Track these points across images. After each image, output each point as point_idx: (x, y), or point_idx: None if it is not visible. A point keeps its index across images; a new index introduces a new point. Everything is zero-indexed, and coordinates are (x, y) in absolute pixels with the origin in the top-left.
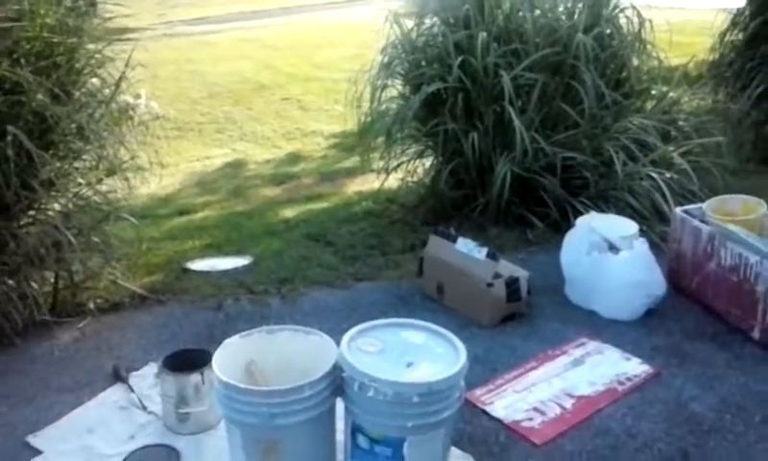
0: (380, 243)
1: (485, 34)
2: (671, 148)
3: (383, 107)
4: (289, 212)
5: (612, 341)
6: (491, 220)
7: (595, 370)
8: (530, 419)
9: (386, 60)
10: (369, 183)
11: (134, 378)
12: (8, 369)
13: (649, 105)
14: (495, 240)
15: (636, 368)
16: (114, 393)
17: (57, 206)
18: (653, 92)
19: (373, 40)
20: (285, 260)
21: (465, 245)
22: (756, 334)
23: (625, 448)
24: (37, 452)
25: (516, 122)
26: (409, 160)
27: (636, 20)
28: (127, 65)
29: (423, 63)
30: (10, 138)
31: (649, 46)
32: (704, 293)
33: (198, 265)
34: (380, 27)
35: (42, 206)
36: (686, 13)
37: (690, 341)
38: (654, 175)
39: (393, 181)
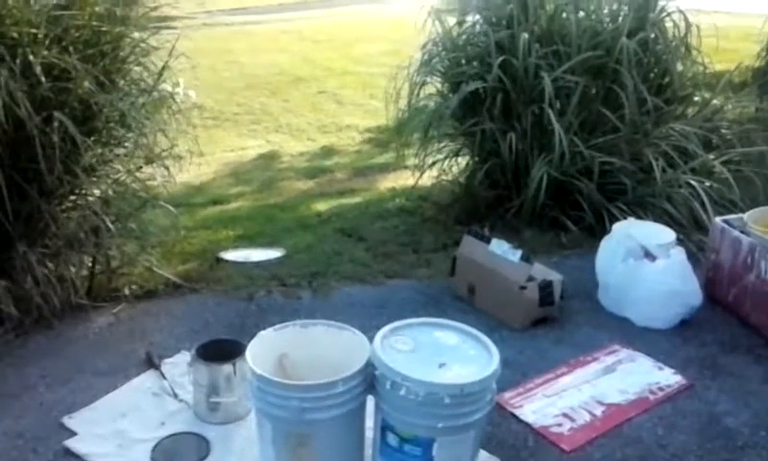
0: (412, 241)
1: (527, 34)
2: (712, 156)
3: (421, 103)
4: (322, 206)
5: (644, 349)
6: (524, 222)
7: (627, 378)
8: (559, 425)
9: (426, 56)
10: (402, 180)
11: (167, 366)
12: (45, 350)
13: (691, 111)
14: (529, 242)
15: (668, 378)
16: (147, 379)
17: (97, 192)
18: (696, 99)
19: (412, 36)
20: (317, 254)
21: (499, 246)
22: None
23: (655, 459)
24: (72, 434)
25: (555, 124)
26: (444, 159)
27: (682, 25)
28: (170, 55)
29: (464, 62)
30: (56, 124)
31: (694, 52)
32: (741, 305)
33: (231, 255)
34: (421, 23)
35: (83, 192)
36: (732, 19)
37: (725, 354)
38: (693, 183)
39: (427, 179)
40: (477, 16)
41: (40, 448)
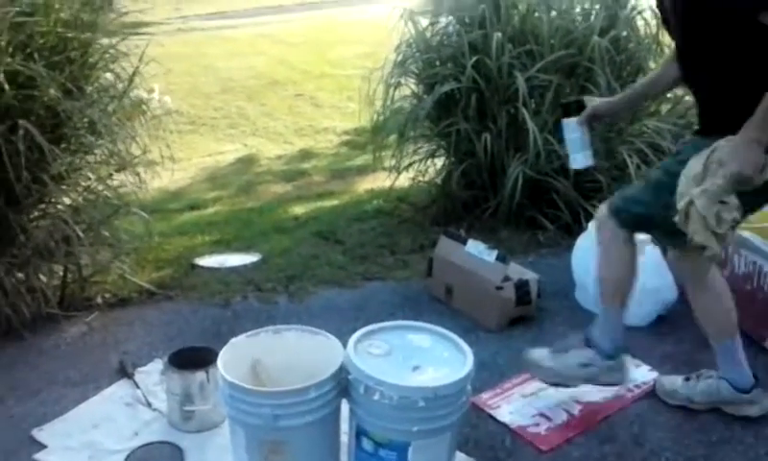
0: (390, 242)
1: (500, 34)
2: None
3: (396, 105)
4: (299, 209)
5: None
6: (501, 222)
7: None
8: (536, 424)
9: (400, 58)
10: (379, 182)
11: (140, 374)
12: (15, 361)
13: (664, 108)
14: (506, 242)
15: (645, 375)
16: (120, 388)
17: (67, 201)
18: (668, 95)
19: (387, 38)
20: (294, 258)
21: (475, 247)
22: None
23: (632, 456)
24: (42, 447)
25: (530, 123)
26: (421, 160)
27: (653, 23)
28: (141, 61)
29: (437, 63)
30: (21, 133)
31: (666, 49)
32: None
33: (207, 261)
34: (395, 25)
35: (52, 200)
36: None
37: (701, 349)
38: None
39: (404, 181)
40: (450, 17)
41: None
